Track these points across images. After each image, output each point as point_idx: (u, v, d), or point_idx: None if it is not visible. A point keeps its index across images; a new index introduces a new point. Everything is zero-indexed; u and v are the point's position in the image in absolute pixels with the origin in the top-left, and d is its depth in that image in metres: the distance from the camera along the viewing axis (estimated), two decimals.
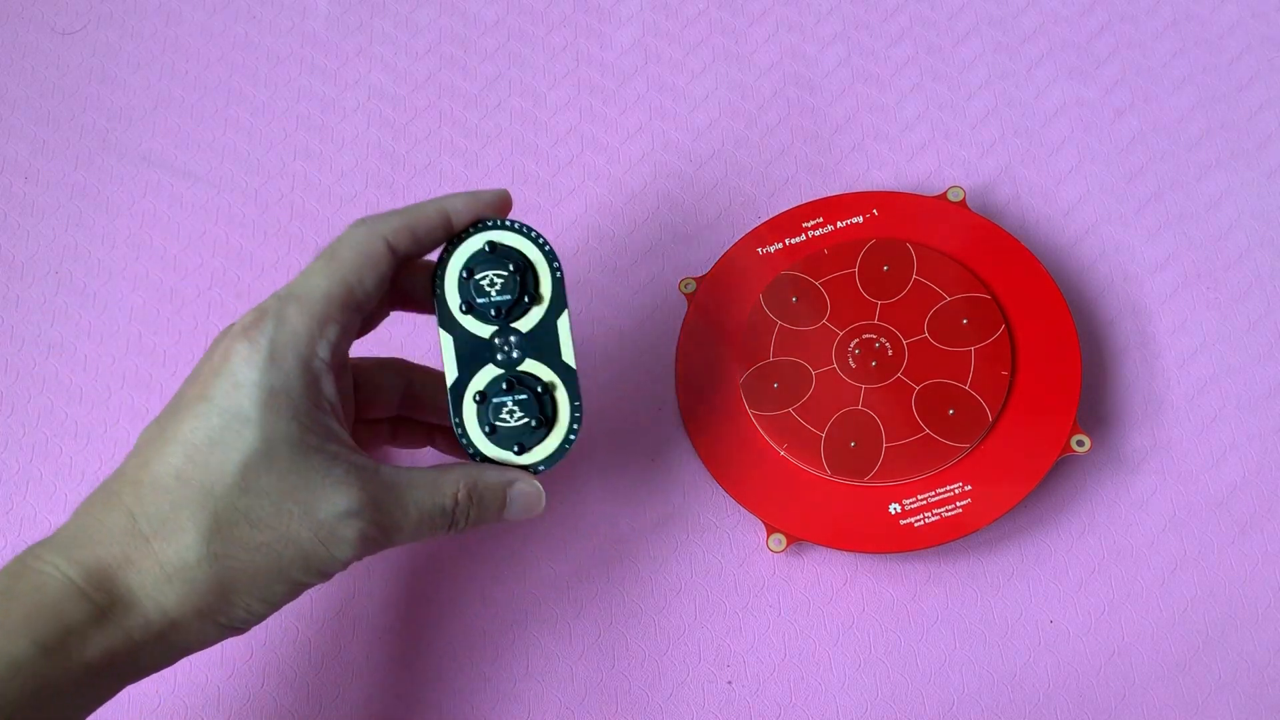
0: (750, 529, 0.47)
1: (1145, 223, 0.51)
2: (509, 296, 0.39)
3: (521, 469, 0.39)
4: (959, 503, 0.44)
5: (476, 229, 0.40)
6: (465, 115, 0.56)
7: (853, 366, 0.47)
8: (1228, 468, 0.47)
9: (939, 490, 0.45)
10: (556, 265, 0.40)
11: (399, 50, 0.57)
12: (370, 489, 0.35)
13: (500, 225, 0.40)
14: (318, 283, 0.36)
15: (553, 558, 0.47)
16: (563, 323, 0.40)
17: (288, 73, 0.57)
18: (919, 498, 0.45)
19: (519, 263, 0.39)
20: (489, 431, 0.39)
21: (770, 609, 0.45)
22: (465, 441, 0.39)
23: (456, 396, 0.39)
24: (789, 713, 0.44)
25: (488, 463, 0.39)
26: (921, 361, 0.47)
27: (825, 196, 0.51)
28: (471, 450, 0.39)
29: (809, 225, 0.50)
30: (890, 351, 0.47)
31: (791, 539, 0.44)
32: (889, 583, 0.46)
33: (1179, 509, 0.46)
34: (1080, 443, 0.45)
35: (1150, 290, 0.50)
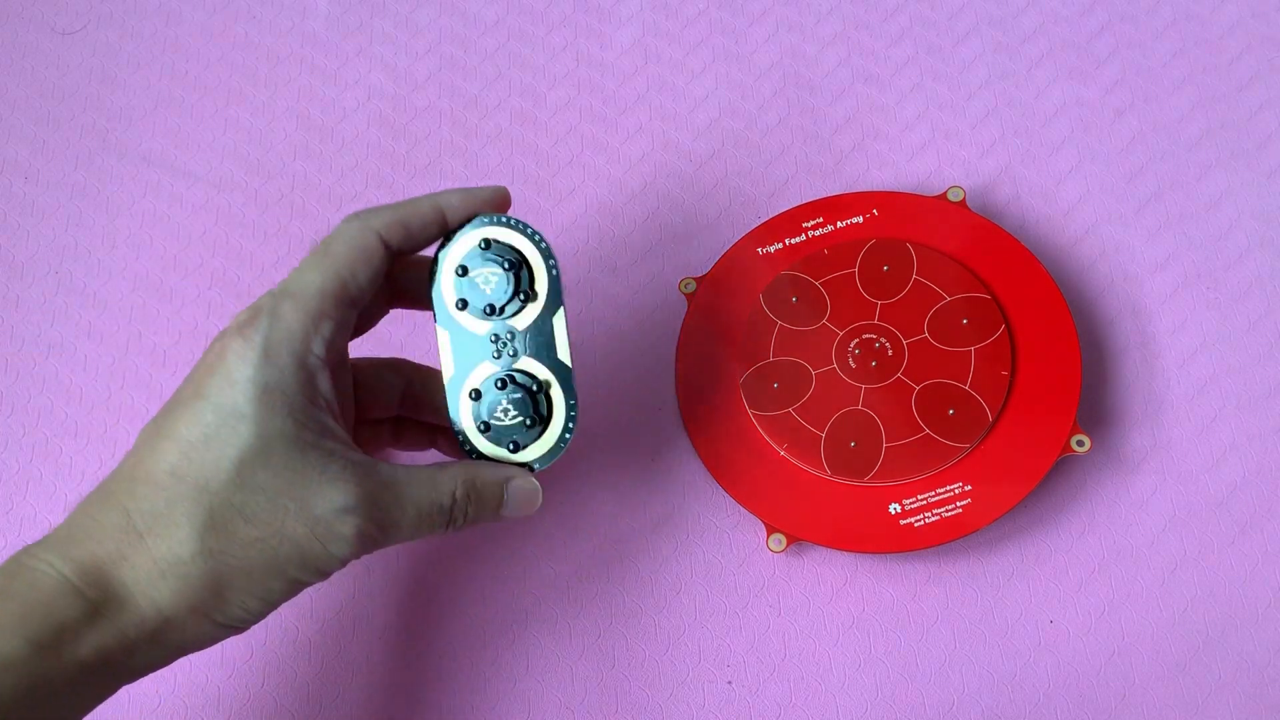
0: (750, 529, 0.47)
1: (1145, 223, 0.51)
2: (504, 293, 0.39)
3: (517, 466, 0.39)
4: (959, 503, 0.44)
5: (472, 225, 0.39)
6: (465, 115, 0.56)
7: (853, 366, 0.47)
8: (1228, 468, 0.47)
9: (939, 490, 0.45)
10: (553, 262, 0.39)
11: (399, 50, 0.57)
12: (367, 486, 0.35)
13: (496, 222, 0.39)
14: (311, 278, 0.36)
15: (553, 558, 0.47)
16: (559, 320, 0.39)
17: (288, 73, 0.57)
18: (919, 498, 0.45)
19: (514, 260, 0.39)
20: (484, 429, 0.39)
21: (770, 609, 0.45)
22: (461, 439, 0.39)
23: (453, 394, 0.39)
24: (789, 713, 0.44)
25: (484, 460, 0.39)
26: (921, 361, 0.47)
27: (825, 196, 0.51)
28: (467, 447, 0.39)
29: (809, 225, 0.50)
30: (890, 351, 0.47)
31: (791, 539, 0.44)
32: (889, 583, 0.46)
33: (1179, 509, 0.46)
34: (1080, 443, 0.45)
35: (1150, 290, 0.50)
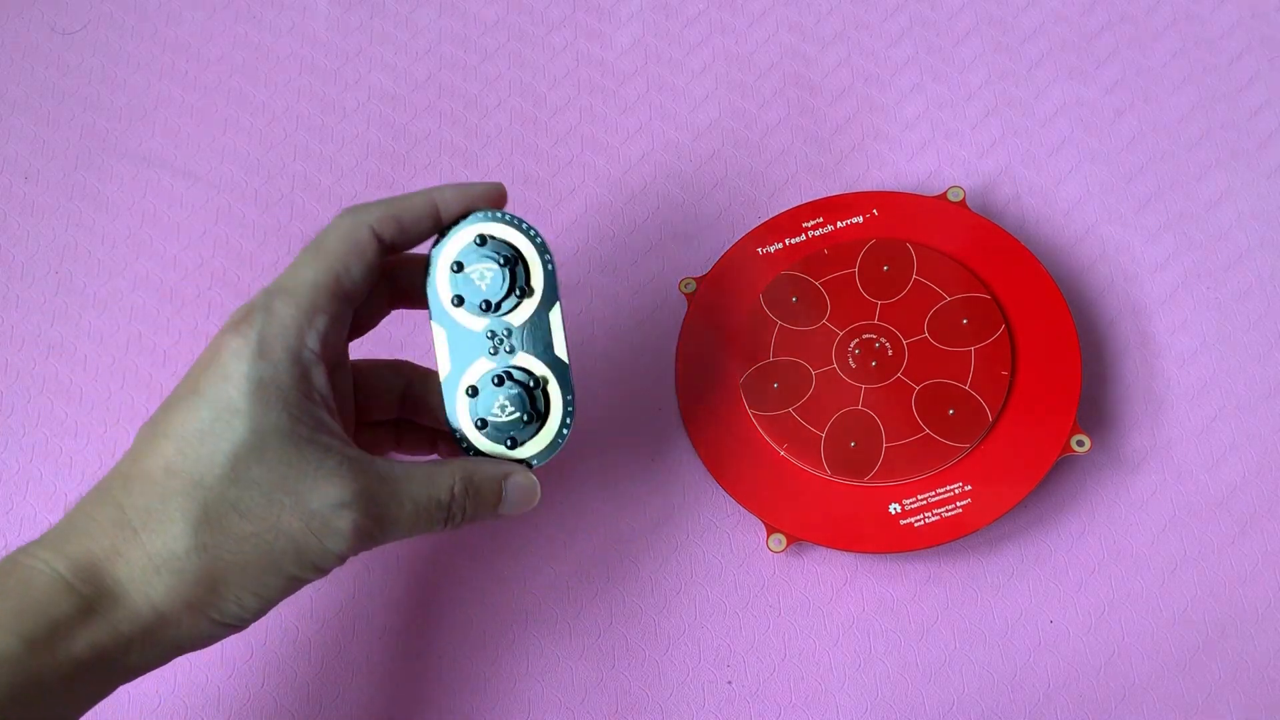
0: (750, 529, 0.47)
1: (1145, 223, 0.51)
2: (500, 289, 0.38)
3: (516, 463, 0.39)
4: (959, 503, 0.44)
5: (467, 221, 0.39)
6: (465, 115, 0.55)
7: (853, 366, 0.47)
8: (1228, 468, 0.47)
9: (939, 490, 0.45)
10: (548, 257, 0.39)
11: (399, 50, 0.57)
12: (363, 480, 0.35)
13: (491, 217, 0.39)
14: (305, 274, 0.36)
15: (553, 558, 0.47)
16: (555, 315, 0.39)
17: (288, 73, 0.57)
18: (919, 498, 0.45)
19: (510, 255, 0.38)
20: (481, 425, 0.39)
21: (770, 609, 0.45)
22: (458, 436, 0.39)
23: (449, 391, 0.39)
24: (789, 713, 0.44)
25: (482, 457, 0.39)
26: (921, 361, 0.47)
27: (825, 196, 0.51)
28: (465, 445, 0.39)
29: (809, 225, 0.50)
30: (890, 351, 0.47)
31: (791, 539, 0.44)
32: (889, 583, 0.46)
33: (1179, 509, 0.46)
34: (1080, 443, 0.45)
35: (1150, 290, 0.50)
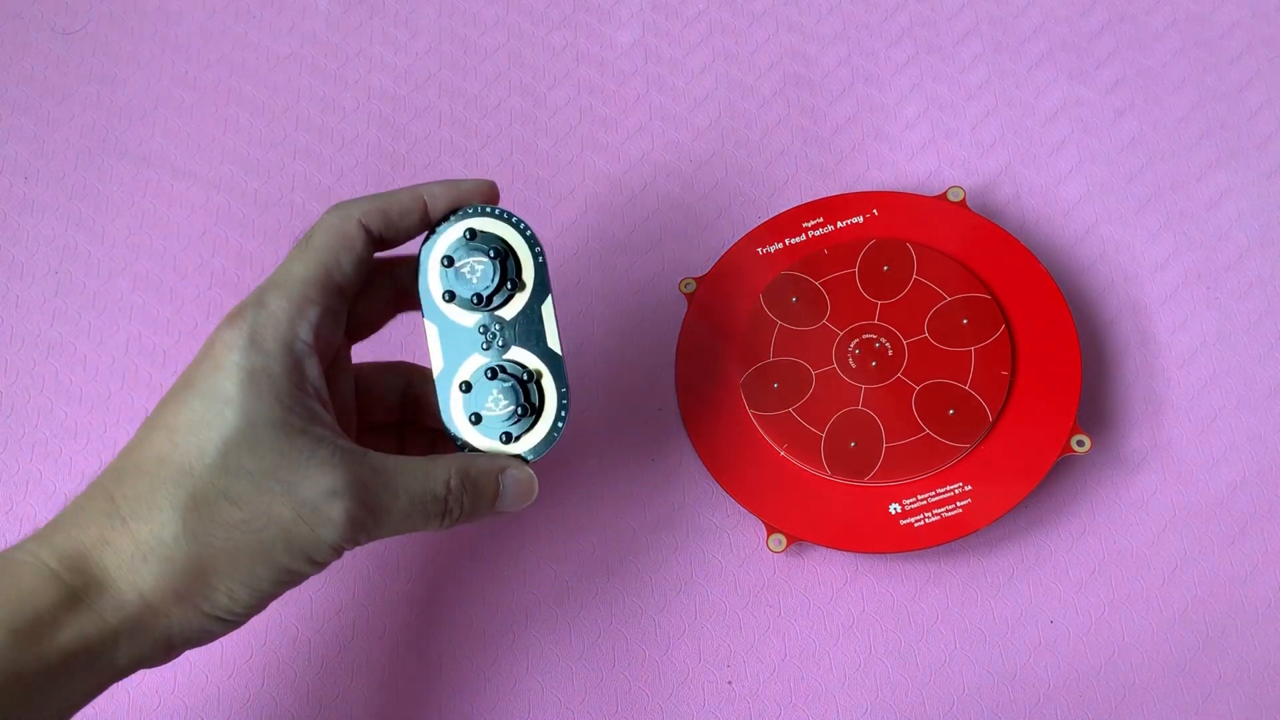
0: (750, 529, 0.47)
1: (1145, 223, 0.51)
2: (490, 283, 0.38)
3: (511, 458, 0.39)
4: (959, 503, 0.44)
5: (457, 217, 0.39)
6: (465, 115, 0.55)
7: (853, 366, 0.47)
8: (1228, 468, 0.47)
9: (939, 490, 0.45)
10: (539, 250, 0.39)
11: (399, 50, 0.57)
12: (356, 470, 0.35)
13: (480, 212, 0.39)
14: (295, 269, 0.36)
15: (553, 558, 0.47)
16: (547, 309, 0.39)
17: (288, 73, 0.57)
18: (919, 498, 0.45)
19: (500, 249, 0.38)
20: (475, 420, 0.38)
21: (770, 609, 0.45)
22: (452, 432, 0.39)
23: (443, 388, 0.39)
24: (789, 713, 0.44)
25: (477, 453, 0.39)
26: (921, 361, 0.47)
27: (825, 196, 0.51)
28: (459, 442, 0.39)
29: (809, 225, 0.50)
30: (890, 351, 0.47)
31: (791, 539, 0.44)
32: (889, 583, 0.46)
33: (1179, 509, 0.46)
34: (1080, 443, 0.45)
35: (1150, 290, 0.50)
